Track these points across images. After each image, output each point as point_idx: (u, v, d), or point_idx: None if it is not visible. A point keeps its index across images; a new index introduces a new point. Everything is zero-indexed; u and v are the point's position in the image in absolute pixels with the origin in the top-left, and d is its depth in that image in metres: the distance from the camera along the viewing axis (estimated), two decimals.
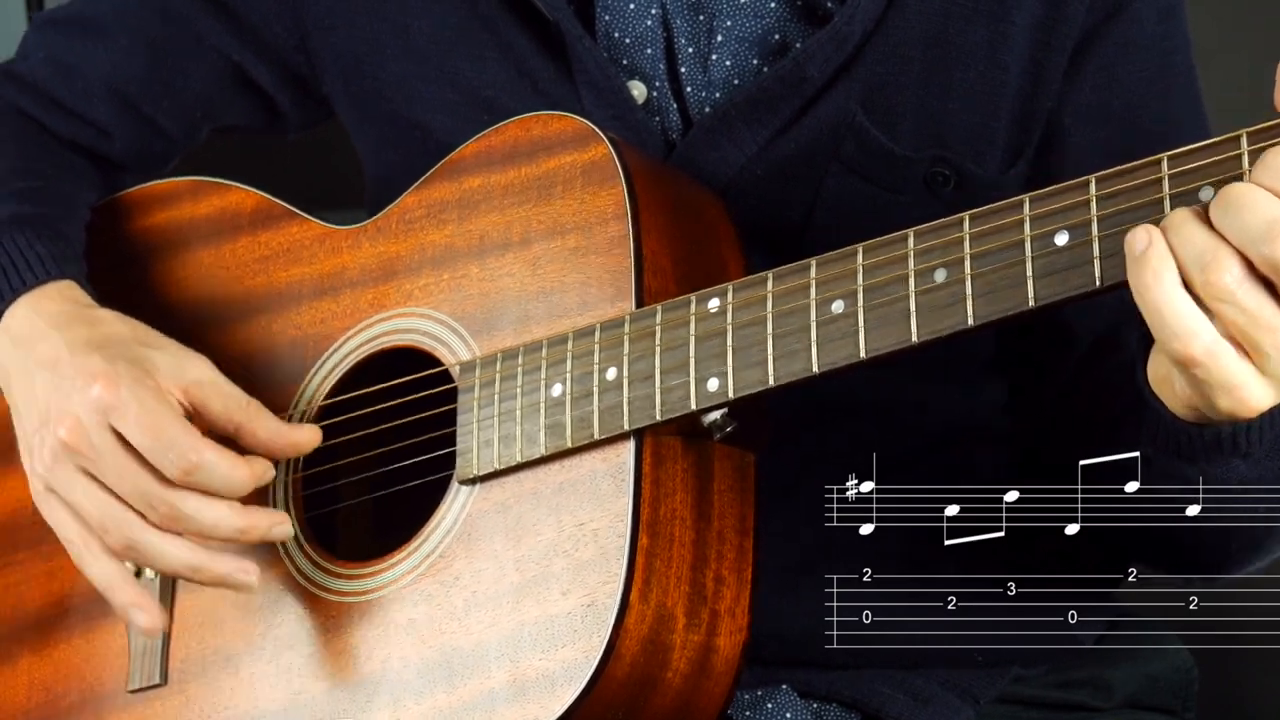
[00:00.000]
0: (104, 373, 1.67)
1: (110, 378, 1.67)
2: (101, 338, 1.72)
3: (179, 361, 1.71)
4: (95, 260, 1.90)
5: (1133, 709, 1.82)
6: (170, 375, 1.69)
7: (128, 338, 1.72)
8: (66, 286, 1.79)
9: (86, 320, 1.74)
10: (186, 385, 1.70)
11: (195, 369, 1.71)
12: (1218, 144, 1.35)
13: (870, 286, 1.49)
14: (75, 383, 1.68)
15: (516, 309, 1.67)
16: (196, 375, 1.70)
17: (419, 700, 1.62)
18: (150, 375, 1.68)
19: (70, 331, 1.72)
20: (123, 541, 1.68)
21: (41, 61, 1.99)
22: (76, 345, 1.71)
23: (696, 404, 1.56)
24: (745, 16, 1.78)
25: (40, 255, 1.79)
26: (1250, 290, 1.31)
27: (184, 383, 1.70)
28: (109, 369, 1.67)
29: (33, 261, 1.79)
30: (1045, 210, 1.42)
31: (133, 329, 1.74)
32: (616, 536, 1.55)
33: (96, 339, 1.71)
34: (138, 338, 1.73)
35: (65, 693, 1.82)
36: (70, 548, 1.72)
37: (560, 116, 1.70)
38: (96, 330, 1.73)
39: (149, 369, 1.69)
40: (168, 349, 1.72)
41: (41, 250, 1.80)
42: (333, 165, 2.35)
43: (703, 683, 1.59)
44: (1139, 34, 1.76)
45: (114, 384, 1.66)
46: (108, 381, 1.67)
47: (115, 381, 1.67)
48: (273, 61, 1.96)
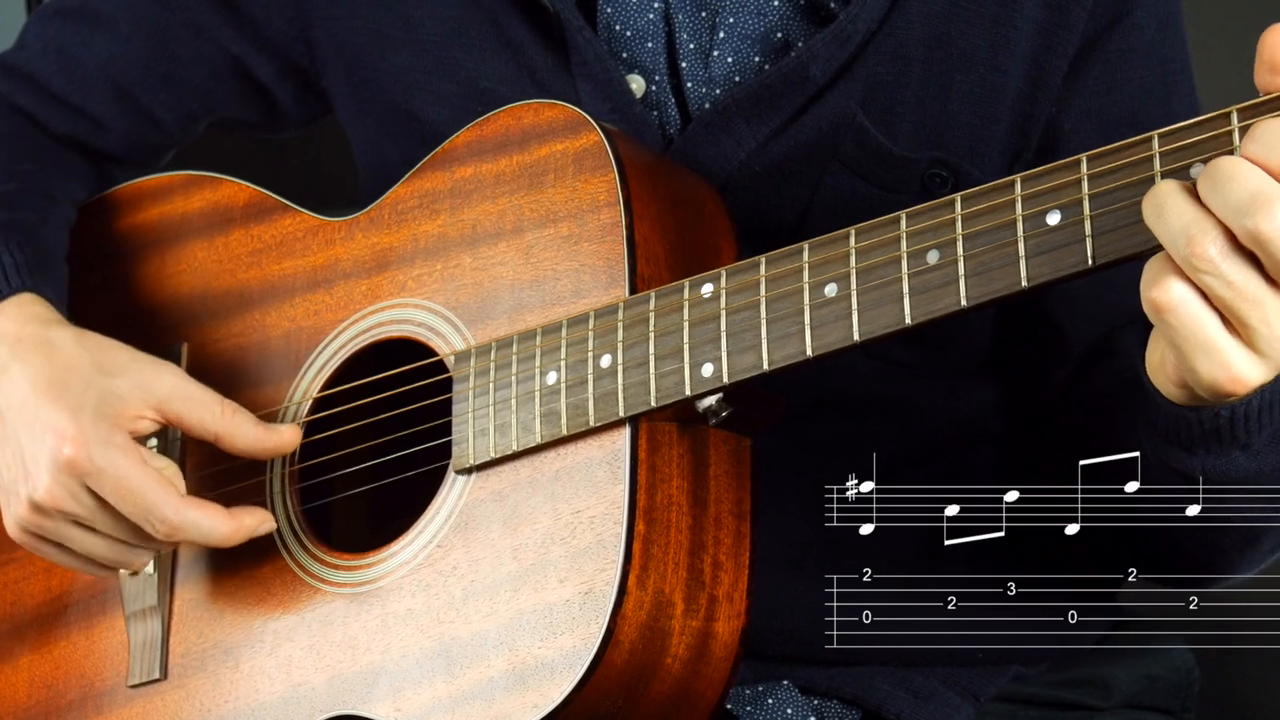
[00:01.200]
0: (71, 435, 1.68)
1: (78, 441, 1.68)
2: (61, 374, 1.71)
3: (145, 382, 1.71)
4: (87, 256, 1.90)
5: (1132, 709, 1.83)
6: (138, 400, 1.70)
7: (86, 367, 1.72)
8: (28, 301, 1.78)
9: (44, 347, 1.74)
10: (158, 404, 1.71)
11: (164, 384, 1.72)
12: (1208, 120, 1.35)
13: (863, 269, 1.49)
14: (45, 440, 1.69)
15: (510, 298, 1.67)
16: (167, 390, 1.71)
17: (419, 690, 1.62)
18: (115, 421, 1.69)
19: (30, 366, 1.72)
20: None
21: (39, 51, 1.99)
22: (39, 386, 1.71)
23: (691, 390, 1.56)
24: (748, 14, 1.77)
25: (5, 266, 1.79)
26: (1234, 263, 1.31)
27: (154, 402, 1.71)
28: (75, 429, 1.68)
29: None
30: (1037, 190, 1.41)
31: (91, 353, 1.74)
32: (613, 524, 1.55)
33: (57, 377, 1.71)
34: (97, 364, 1.73)
35: (66, 689, 1.82)
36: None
37: (551, 104, 1.69)
38: (54, 362, 1.72)
39: (115, 408, 1.70)
40: (129, 372, 1.72)
41: (7, 260, 1.80)
42: (326, 163, 2.35)
43: (702, 668, 1.59)
44: (1138, 41, 1.77)
45: (83, 448, 1.68)
46: (76, 445, 1.68)
47: (84, 444, 1.68)
48: (272, 55, 1.96)
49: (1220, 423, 1.48)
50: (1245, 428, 1.49)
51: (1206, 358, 1.34)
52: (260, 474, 1.77)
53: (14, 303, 1.78)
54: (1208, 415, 1.47)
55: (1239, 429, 1.49)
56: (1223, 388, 1.35)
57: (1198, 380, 1.36)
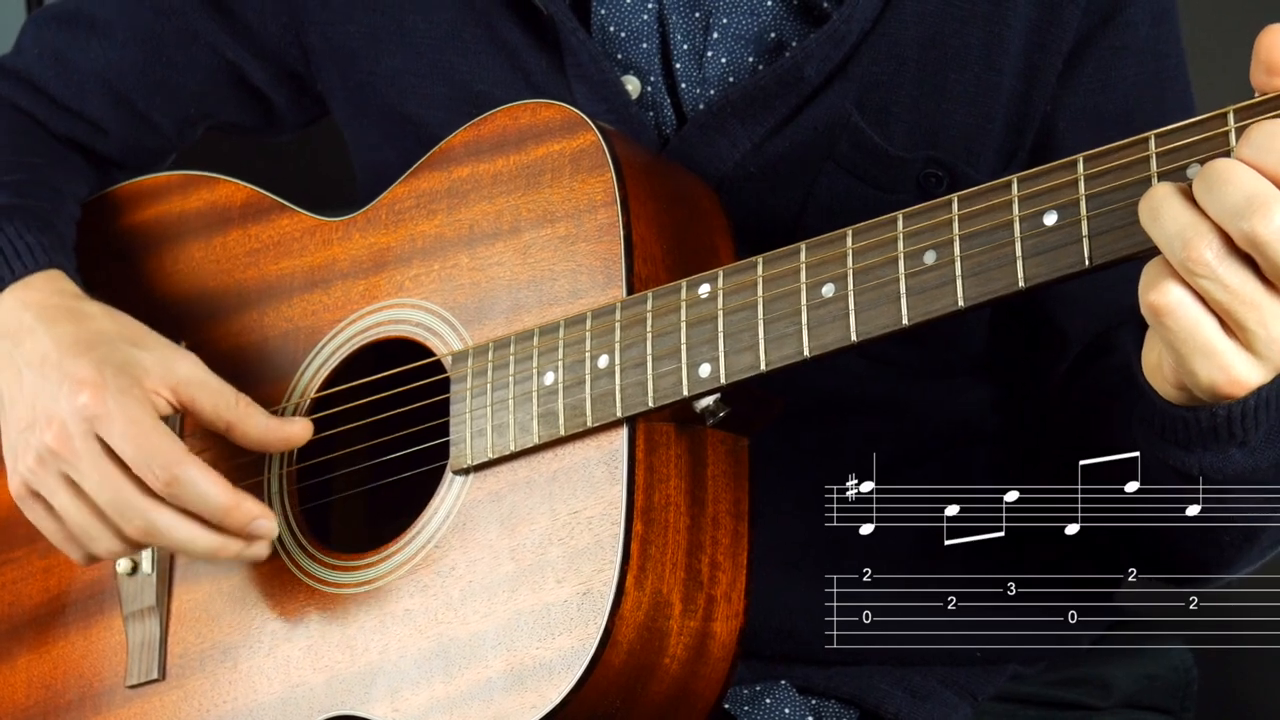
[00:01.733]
0: (91, 380, 1.67)
1: (97, 386, 1.67)
2: (89, 336, 1.72)
3: (167, 361, 1.71)
4: (86, 255, 1.90)
5: (1131, 708, 1.83)
6: (158, 376, 1.70)
7: (115, 336, 1.72)
8: (54, 276, 1.79)
9: (74, 315, 1.74)
10: (175, 384, 1.70)
11: (184, 367, 1.71)
12: (1205, 121, 1.35)
13: (860, 269, 1.49)
14: (62, 388, 1.68)
15: (507, 298, 1.67)
16: (185, 374, 1.71)
17: (417, 690, 1.62)
18: (137, 381, 1.68)
19: (58, 327, 1.72)
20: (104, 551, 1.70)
21: (36, 56, 1.99)
22: (64, 344, 1.71)
23: (688, 390, 1.56)
24: (742, 14, 1.77)
25: (30, 245, 1.79)
26: (1231, 266, 1.31)
27: (173, 382, 1.70)
28: (96, 376, 1.68)
29: (21, 251, 1.79)
30: (1033, 190, 1.41)
31: (120, 326, 1.74)
32: (611, 524, 1.55)
33: (84, 337, 1.71)
34: (125, 335, 1.73)
35: (64, 689, 1.82)
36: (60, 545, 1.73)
37: (548, 104, 1.69)
38: (84, 327, 1.73)
39: (137, 373, 1.69)
40: (155, 348, 1.72)
41: (31, 240, 1.80)
42: (324, 163, 2.35)
43: (700, 668, 1.59)
44: (1132, 38, 1.77)
45: (100, 393, 1.67)
46: (94, 390, 1.67)
47: (102, 390, 1.67)
48: (268, 59, 1.96)
49: (1217, 421, 1.48)
50: (1242, 425, 1.49)
51: (1205, 361, 1.34)
52: (259, 474, 1.77)
53: (42, 277, 1.79)
54: (1204, 414, 1.47)
55: (1236, 427, 1.49)
56: (1221, 390, 1.35)
57: (1196, 383, 1.36)
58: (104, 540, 1.71)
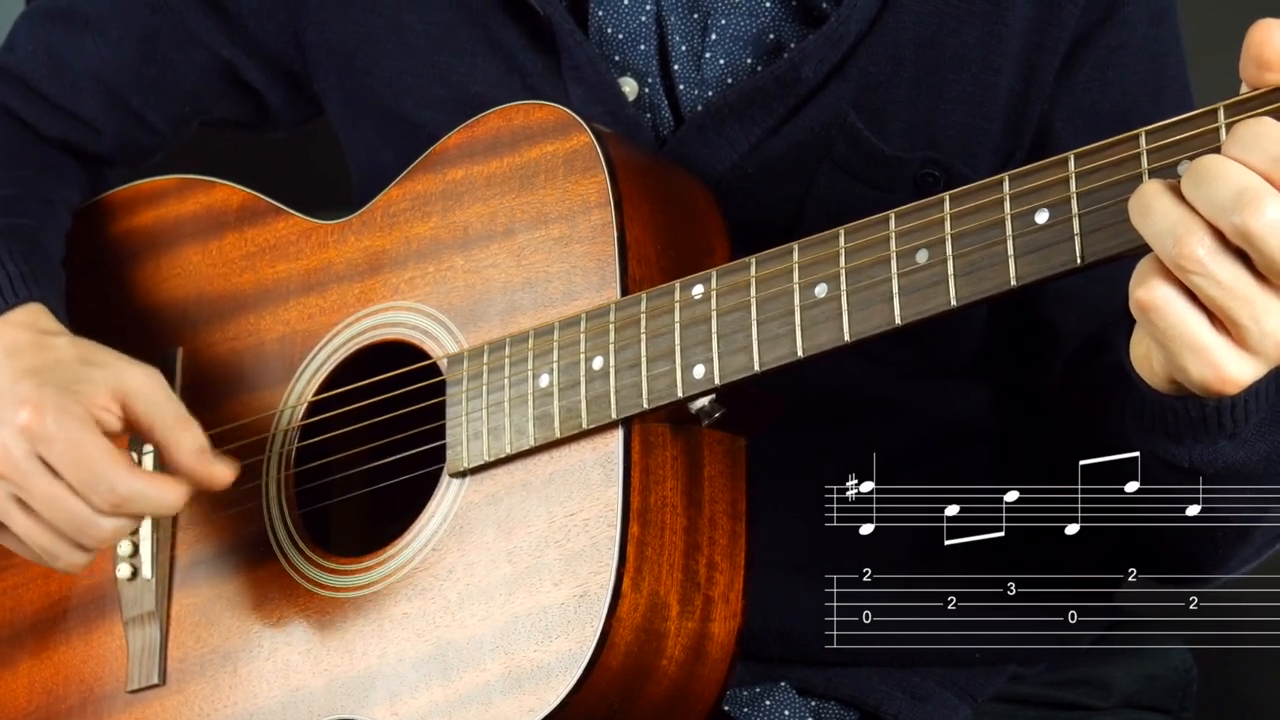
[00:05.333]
0: (31, 399, 1.67)
1: (36, 405, 1.67)
2: (43, 363, 1.71)
3: (119, 374, 1.70)
4: (82, 261, 1.90)
5: (1130, 708, 1.82)
6: (107, 390, 1.69)
7: (71, 359, 1.72)
8: (33, 311, 1.78)
9: (38, 347, 1.74)
10: (123, 396, 1.70)
11: (134, 380, 1.70)
12: (1195, 117, 1.34)
13: (853, 269, 1.49)
14: (5, 411, 1.68)
15: (502, 300, 1.67)
16: (133, 386, 1.70)
17: (415, 694, 1.62)
18: (78, 400, 1.68)
19: (18, 360, 1.72)
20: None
21: (29, 54, 1.99)
22: (17, 372, 1.70)
23: (683, 391, 1.55)
24: (740, 15, 1.77)
25: (10, 275, 1.79)
26: (1223, 261, 1.30)
27: (120, 394, 1.70)
28: (36, 395, 1.67)
29: (1, 283, 1.79)
30: (1025, 189, 1.41)
31: (80, 350, 1.73)
32: (607, 526, 1.55)
33: (38, 364, 1.71)
34: (81, 356, 1.72)
35: (65, 695, 1.82)
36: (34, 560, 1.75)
37: (541, 105, 1.69)
38: (42, 356, 1.72)
39: (82, 391, 1.68)
40: (109, 364, 1.72)
41: (12, 270, 1.79)
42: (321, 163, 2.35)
43: (698, 669, 1.59)
44: (1130, 37, 1.76)
45: (39, 412, 1.67)
46: (34, 409, 1.67)
47: (40, 409, 1.67)
48: (264, 59, 1.96)
49: (1206, 412, 1.47)
50: (1232, 416, 1.48)
51: (1195, 357, 1.34)
52: (256, 479, 1.77)
53: (21, 313, 1.78)
54: (1194, 404, 1.47)
55: (1225, 418, 1.48)
56: (1213, 388, 1.35)
57: (1188, 379, 1.36)
58: (65, 555, 1.71)
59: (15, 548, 1.75)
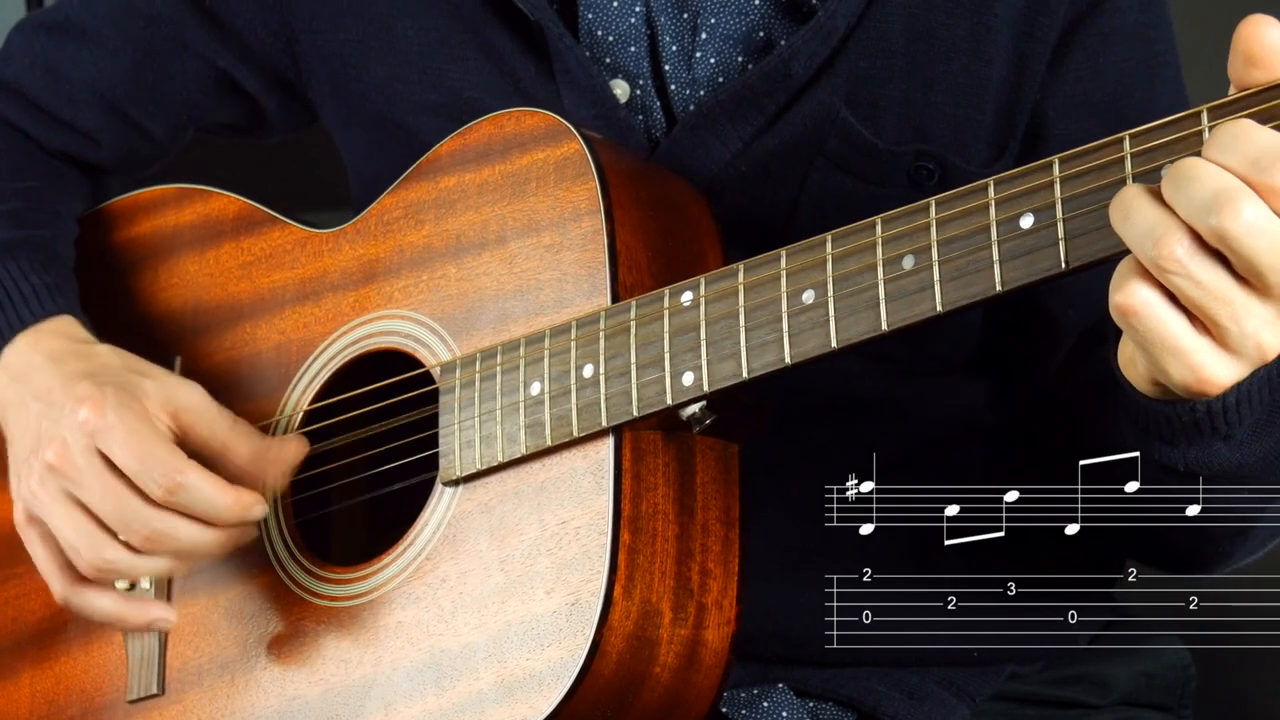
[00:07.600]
0: (91, 396, 1.69)
1: (97, 400, 1.68)
2: (94, 367, 1.74)
3: (168, 387, 1.72)
4: (82, 271, 1.91)
5: (1129, 706, 1.82)
6: (158, 400, 1.70)
7: (119, 366, 1.74)
8: (65, 323, 1.81)
9: (82, 355, 1.76)
10: (175, 410, 1.71)
11: (185, 394, 1.72)
12: (1179, 121, 1.34)
13: (840, 276, 1.48)
14: (64, 409, 1.70)
15: (494, 308, 1.67)
16: (186, 400, 1.71)
17: (410, 703, 1.62)
18: (137, 399, 1.69)
19: (65, 366, 1.74)
20: (95, 561, 1.69)
21: (26, 67, 1.99)
22: (69, 376, 1.72)
23: (672, 399, 1.55)
24: (730, 14, 1.77)
25: (35, 288, 1.80)
26: (1202, 262, 1.30)
27: (172, 407, 1.71)
28: (96, 393, 1.69)
29: (28, 295, 1.80)
30: (1010, 193, 1.40)
31: (125, 359, 1.76)
32: (598, 534, 1.55)
33: (89, 369, 1.73)
34: (129, 366, 1.75)
35: (66, 705, 1.83)
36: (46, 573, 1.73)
37: (532, 113, 1.69)
38: (89, 363, 1.75)
39: (137, 394, 1.70)
40: (158, 376, 1.74)
41: (37, 282, 1.81)
42: (316, 168, 2.35)
43: (692, 676, 1.59)
44: (1121, 24, 1.75)
45: (100, 406, 1.68)
46: (94, 404, 1.68)
47: (101, 404, 1.68)
48: (258, 66, 1.96)
49: (1198, 416, 1.47)
50: (1225, 419, 1.47)
51: (1175, 360, 1.34)
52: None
53: (53, 325, 1.80)
54: (1184, 409, 1.46)
55: (1219, 421, 1.47)
56: (1193, 389, 1.35)
57: (1170, 381, 1.36)
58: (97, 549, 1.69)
59: (38, 553, 1.74)
